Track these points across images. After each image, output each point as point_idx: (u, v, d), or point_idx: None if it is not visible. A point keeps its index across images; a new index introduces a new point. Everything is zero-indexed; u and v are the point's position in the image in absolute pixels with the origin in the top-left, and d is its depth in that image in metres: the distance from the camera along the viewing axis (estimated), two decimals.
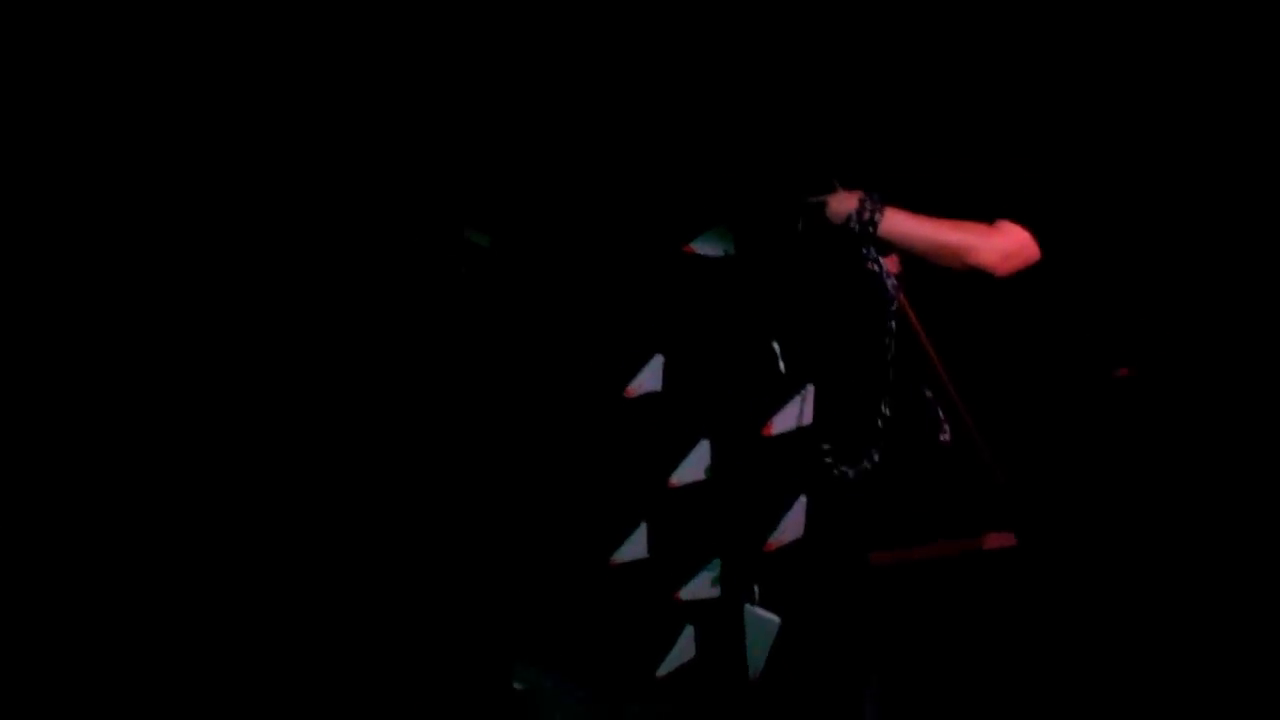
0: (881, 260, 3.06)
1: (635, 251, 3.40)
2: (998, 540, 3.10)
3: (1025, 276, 3.04)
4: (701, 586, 3.31)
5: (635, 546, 3.35)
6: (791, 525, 3.28)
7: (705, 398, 3.34)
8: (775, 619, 3.20)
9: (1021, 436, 3.10)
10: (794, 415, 3.27)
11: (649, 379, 3.36)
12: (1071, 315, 3.10)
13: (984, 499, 3.12)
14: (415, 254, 3.31)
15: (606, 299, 3.39)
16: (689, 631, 3.27)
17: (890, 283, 3.06)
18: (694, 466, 3.33)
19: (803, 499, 3.27)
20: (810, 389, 3.25)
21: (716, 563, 3.32)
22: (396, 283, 3.35)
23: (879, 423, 3.14)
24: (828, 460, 3.13)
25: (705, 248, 3.26)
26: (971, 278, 3.03)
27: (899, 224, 3.02)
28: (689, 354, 3.36)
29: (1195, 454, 3.19)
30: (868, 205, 3.01)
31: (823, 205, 3.06)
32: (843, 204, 3.04)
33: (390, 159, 3.37)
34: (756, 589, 3.28)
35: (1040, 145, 3.09)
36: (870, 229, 3.01)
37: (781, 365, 3.26)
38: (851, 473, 3.13)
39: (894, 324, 3.07)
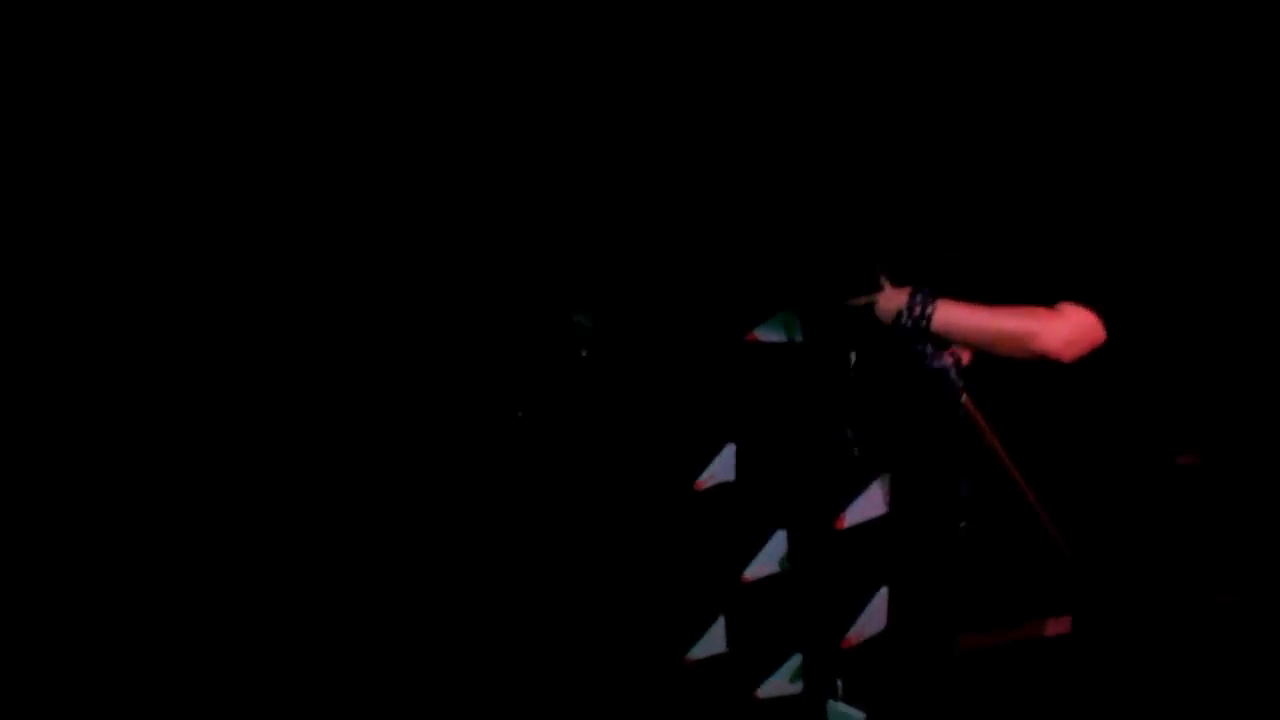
0: (943, 355, 2.93)
1: (702, 340, 3.33)
2: (1058, 626, 3.00)
3: (1090, 360, 2.90)
4: (781, 683, 3.22)
5: (713, 642, 3.27)
6: (873, 618, 3.19)
7: (779, 488, 3.26)
8: (861, 715, 3.10)
9: (1088, 523, 3.00)
10: (869, 506, 3.19)
11: (721, 469, 3.28)
12: (1136, 399, 2.98)
13: (1054, 580, 3.04)
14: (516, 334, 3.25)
15: (677, 388, 3.32)
16: None
17: (953, 376, 2.92)
18: (769, 559, 3.25)
19: (884, 590, 3.18)
20: (886, 478, 3.16)
21: (797, 658, 3.23)
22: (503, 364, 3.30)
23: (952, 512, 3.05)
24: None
25: (768, 335, 3.19)
26: (1037, 365, 2.87)
27: (953, 317, 2.87)
28: (761, 443, 3.28)
29: (1255, 543, 3.08)
30: (918, 301, 2.88)
31: (872, 305, 2.94)
32: (892, 301, 2.90)
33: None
34: (840, 684, 3.19)
35: (1101, 222, 3.00)
36: (923, 325, 2.87)
37: (855, 452, 3.17)
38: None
39: (961, 414, 2.93)
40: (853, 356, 3.13)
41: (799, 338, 3.20)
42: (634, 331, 3.34)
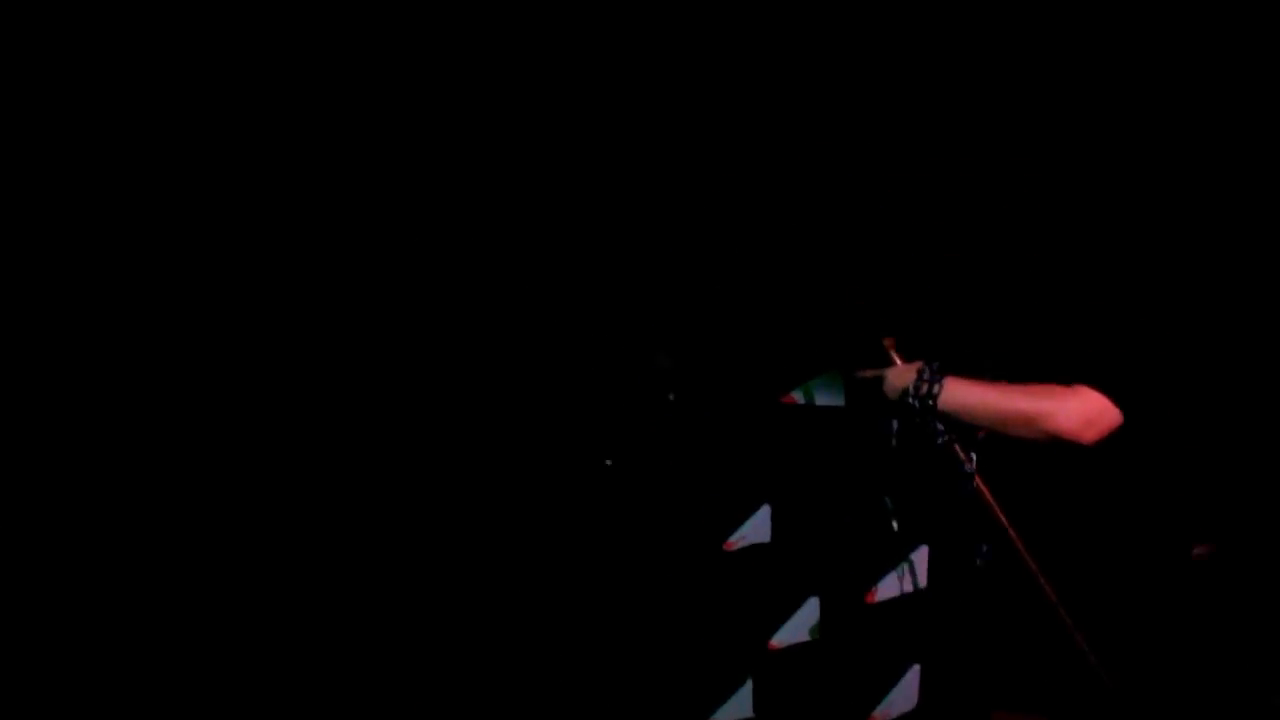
0: (952, 438, 2.83)
1: (742, 399, 3.26)
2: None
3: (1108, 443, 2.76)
4: None
5: (739, 707, 3.06)
6: (904, 695, 3.11)
7: (814, 554, 3.17)
8: None
9: (1102, 609, 3.00)
10: (903, 580, 3.16)
11: (754, 531, 3.16)
12: (1150, 485, 2.90)
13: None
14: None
15: (714, 447, 3.20)
16: None
17: (960, 454, 2.84)
18: (800, 627, 3.13)
19: (916, 668, 3.12)
20: (924, 550, 3.16)
21: None
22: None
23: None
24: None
25: (806, 397, 3.17)
26: (1053, 447, 2.72)
27: (961, 395, 2.74)
28: (798, 507, 3.20)
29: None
30: (925, 377, 2.76)
31: (880, 380, 2.85)
32: (900, 378, 2.80)
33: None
34: None
35: (1117, 302, 2.94)
36: (930, 402, 2.74)
37: (895, 524, 3.15)
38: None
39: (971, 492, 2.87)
40: (895, 424, 3.13)
41: (838, 402, 3.19)
42: (715, 378, 3.24)
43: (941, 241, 3.37)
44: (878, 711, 3.09)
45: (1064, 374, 2.74)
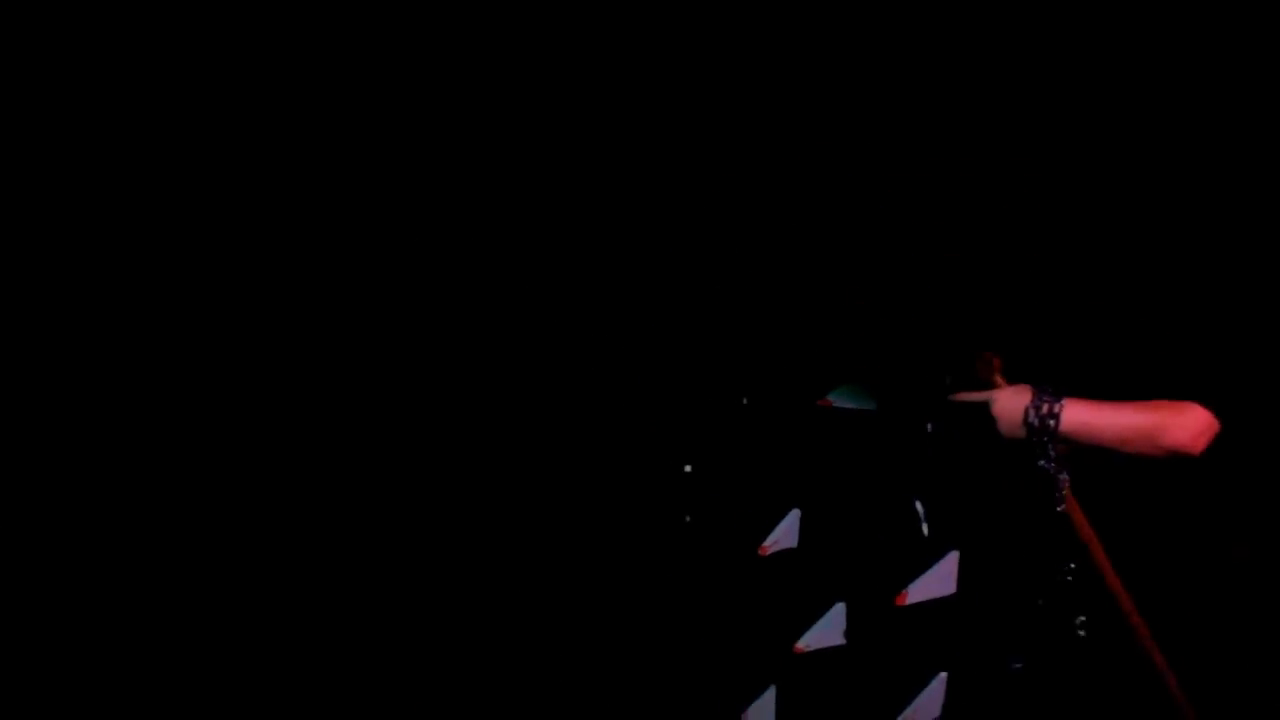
0: (1055, 464, 2.80)
1: (775, 400, 3.24)
2: None
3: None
4: None
5: (763, 712, 3.08)
6: (928, 704, 3.11)
7: (842, 558, 3.16)
8: None
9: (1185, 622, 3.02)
10: (934, 584, 3.14)
11: (785, 536, 3.15)
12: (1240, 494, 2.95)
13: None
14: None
15: (746, 449, 3.19)
16: None
17: (1060, 482, 2.81)
18: (826, 631, 3.12)
19: (943, 676, 3.11)
20: (954, 556, 3.13)
21: None
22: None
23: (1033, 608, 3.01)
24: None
25: (842, 401, 3.14)
26: (1164, 462, 2.75)
27: (1083, 417, 2.72)
28: (828, 511, 3.18)
29: None
30: (1044, 402, 2.72)
31: (986, 406, 2.79)
32: (1012, 402, 2.74)
33: None
34: None
35: (1204, 311, 2.87)
36: (1052, 425, 2.71)
37: (925, 529, 3.13)
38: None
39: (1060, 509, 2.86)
40: (929, 428, 3.10)
41: (873, 406, 3.16)
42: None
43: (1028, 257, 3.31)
44: (901, 718, 3.09)
45: (1155, 389, 2.77)
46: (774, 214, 3.40)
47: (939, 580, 3.14)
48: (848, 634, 3.10)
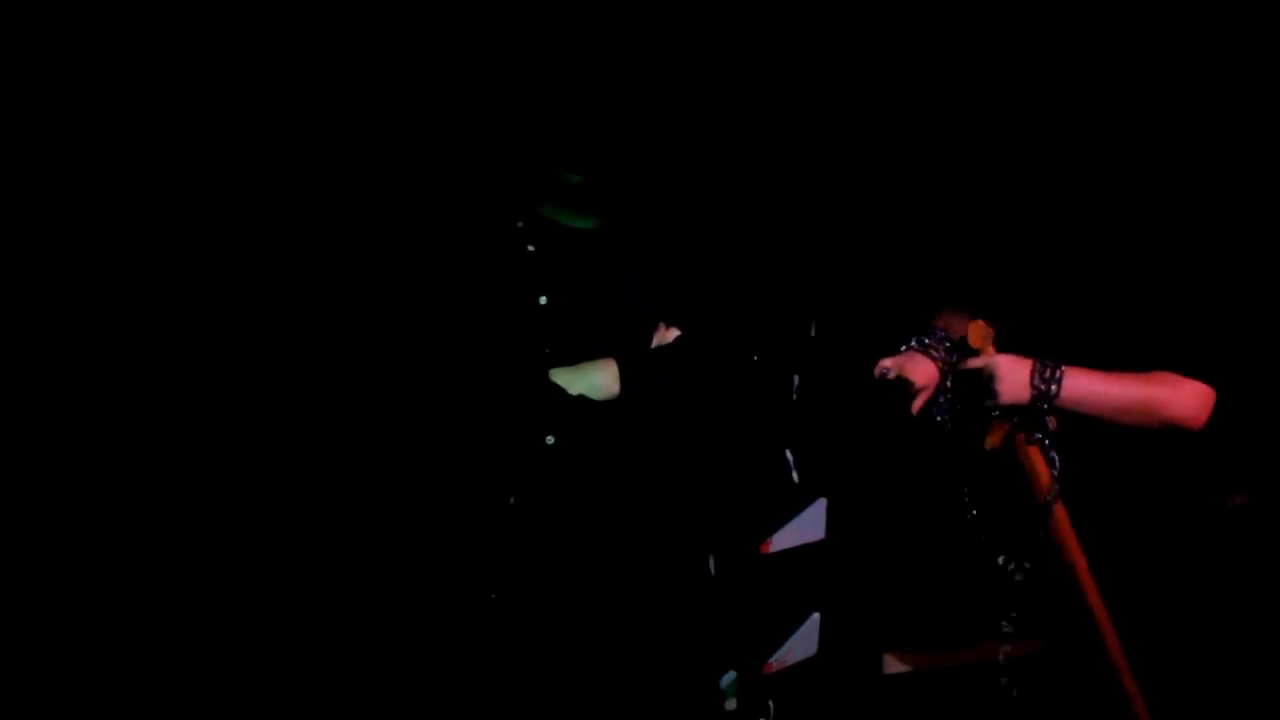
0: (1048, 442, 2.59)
1: None
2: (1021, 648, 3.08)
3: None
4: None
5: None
6: (803, 643, 3.13)
7: (710, 508, 3.15)
8: None
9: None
10: (802, 531, 3.19)
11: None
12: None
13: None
14: None
15: None
16: None
17: (1052, 465, 2.58)
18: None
19: (816, 616, 3.15)
20: (823, 503, 3.20)
21: (730, 676, 3.05)
22: None
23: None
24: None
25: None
26: (1164, 435, 2.58)
27: (1084, 387, 2.54)
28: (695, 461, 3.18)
29: None
30: (1045, 367, 2.54)
31: (977, 376, 2.57)
32: (1014, 367, 2.54)
33: None
34: (771, 707, 3.05)
35: (1197, 286, 2.68)
36: (1052, 396, 2.52)
37: (795, 476, 3.19)
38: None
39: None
40: (796, 379, 3.18)
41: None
42: None
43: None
44: (775, 659, 3.08)
45: (1152, 362, 2.61)
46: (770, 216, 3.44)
47: (808, 527, 3.19)
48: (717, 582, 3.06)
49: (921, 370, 2.70)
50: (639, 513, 2.57)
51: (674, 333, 2.59)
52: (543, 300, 2.55)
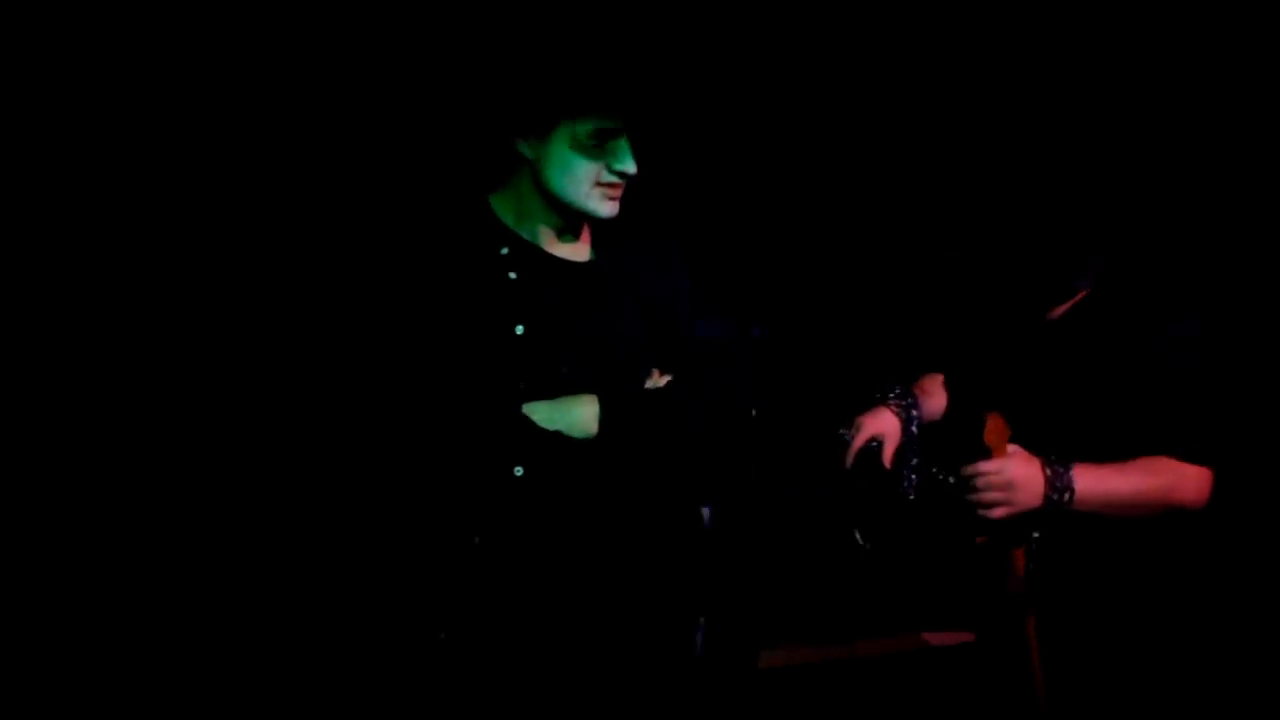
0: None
1: None
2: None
3: None
4: None
5: None
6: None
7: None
8: None
9: None
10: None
11: None
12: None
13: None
14: None
15: None
16: None
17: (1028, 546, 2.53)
18: None
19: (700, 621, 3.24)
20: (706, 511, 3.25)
21: None
22: None
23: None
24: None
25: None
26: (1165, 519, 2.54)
27: (1095, 492, 2.48)
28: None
29: None
30: (1057, 480, 2.45)
31: (989, 481, 2.47)
32: (1027, 484, 2.45)
33: None
34: None
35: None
36: (1066, 501, 2.45)
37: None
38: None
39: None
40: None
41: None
42: None
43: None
44: None
45: (1144, 443, 2.55)
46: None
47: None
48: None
49: (882, 423, 2.76)
50: (605, 548, 2.58)
51: (666, 379, 2.60)
52: (519, 330, 2.54)
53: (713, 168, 3.55)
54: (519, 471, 2.48)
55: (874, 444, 2.72)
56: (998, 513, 2.48)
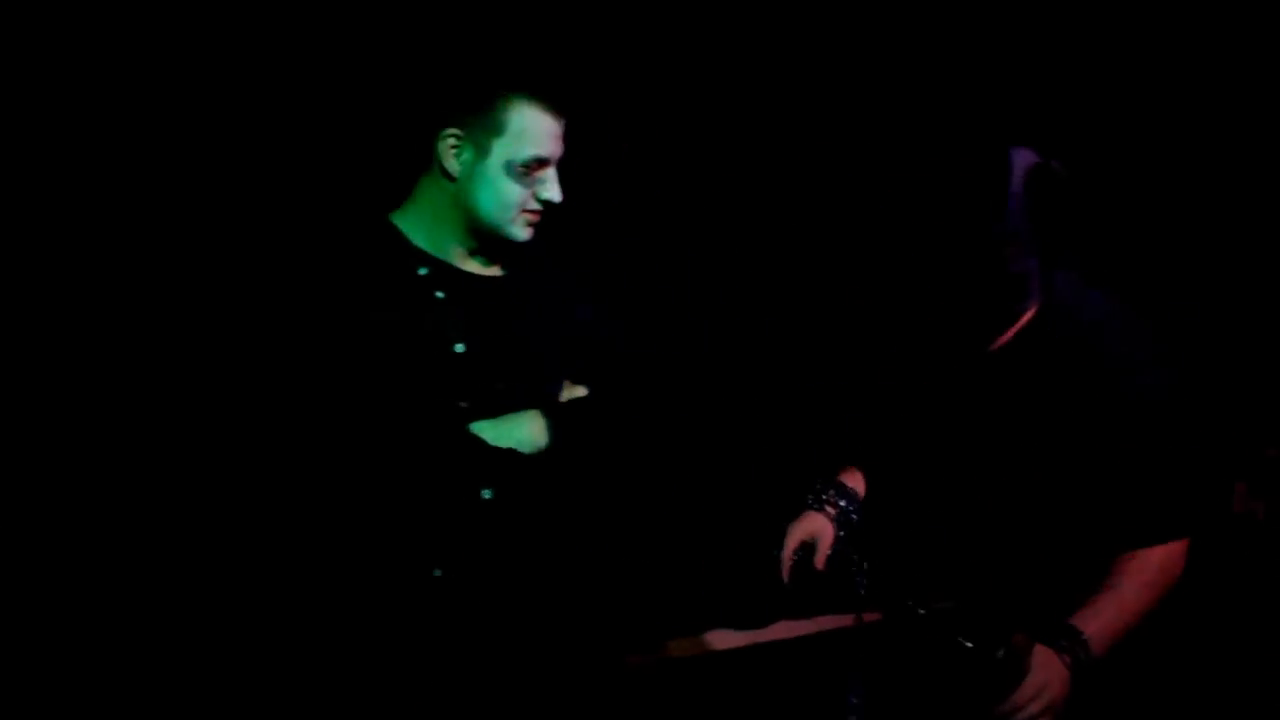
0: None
1: None
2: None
3: None
4: None
5: None
6: None
7: None
8: None
9: None
10: None
11: None
12: None
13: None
14: None
15: None
16: None
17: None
18: None
19: None
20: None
21: None
22: None
23: None
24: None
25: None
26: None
27: (1113, 635, 2.33)
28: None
29: None
30: (1075, 656, 2.29)
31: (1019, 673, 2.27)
32: (1055, 677, 2.27)
33: None
34: None
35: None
36: (1090, 670, 2.31)
37: None
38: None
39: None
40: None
41: None
42: None
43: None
44: None
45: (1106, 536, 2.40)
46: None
47: None
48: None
49: (812, 526, 2.61)
50: (583, 562, 2.57)
51: (580, 390, 2.57)
52: (459, 348, 2.53)
53: (638, 188, 3.49)
54: (488, 494, 2.45)
55: (803, 554, 2.61)
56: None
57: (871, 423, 2.74)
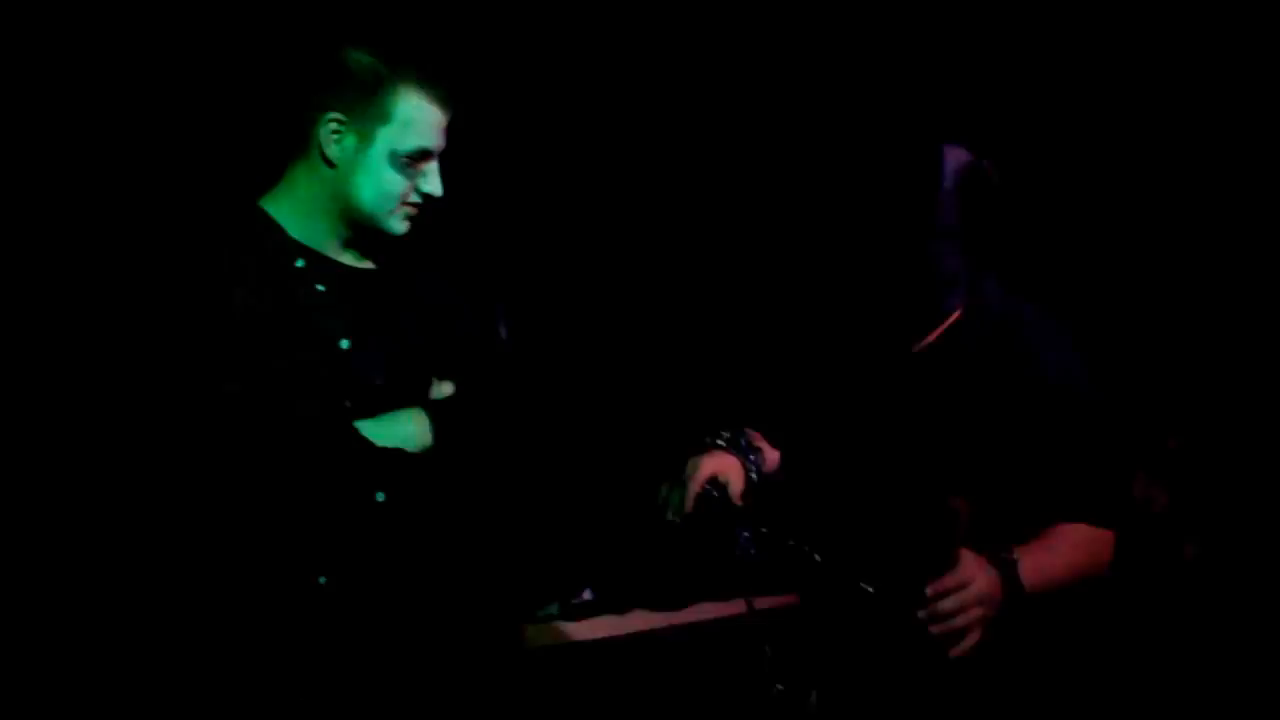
0: None
1: None
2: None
3: None
4: None
5: None
6: None
7: None
8: None
9: None
10: None
11: None
12: None
13: None
14: None
15: None
16: None
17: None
18: None
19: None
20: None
21: None
22: None
23: None
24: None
25: None
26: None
27: (1042, 572, 2.26)
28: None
29: None
30: (1009, 579, 2.21)
31: (964, 590, 2.16)
32: (988, 587, 2.18)
33: None
34: None
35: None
36: (1021, 594, 2.22)
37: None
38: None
39: None
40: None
41: None
42: None
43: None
44: None
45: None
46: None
47: None
48: None
49: (723, 464, 2.46)
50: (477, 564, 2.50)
51: (448, 386, 2.47)
52: (344, 344, 2.40)
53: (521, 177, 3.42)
54: (381, 497, 2.34)
55: (714, 490, 2.43)
56: (972, 640, 2.17)
57: (792, 415, 2.63)
